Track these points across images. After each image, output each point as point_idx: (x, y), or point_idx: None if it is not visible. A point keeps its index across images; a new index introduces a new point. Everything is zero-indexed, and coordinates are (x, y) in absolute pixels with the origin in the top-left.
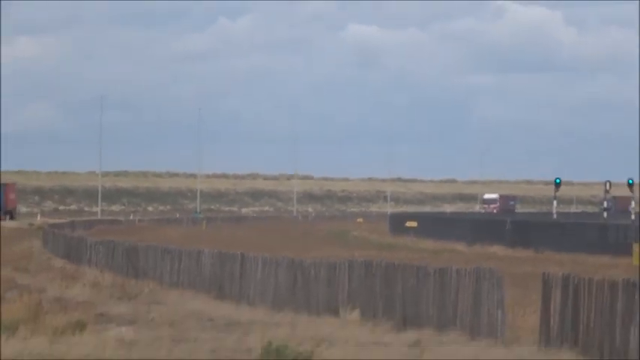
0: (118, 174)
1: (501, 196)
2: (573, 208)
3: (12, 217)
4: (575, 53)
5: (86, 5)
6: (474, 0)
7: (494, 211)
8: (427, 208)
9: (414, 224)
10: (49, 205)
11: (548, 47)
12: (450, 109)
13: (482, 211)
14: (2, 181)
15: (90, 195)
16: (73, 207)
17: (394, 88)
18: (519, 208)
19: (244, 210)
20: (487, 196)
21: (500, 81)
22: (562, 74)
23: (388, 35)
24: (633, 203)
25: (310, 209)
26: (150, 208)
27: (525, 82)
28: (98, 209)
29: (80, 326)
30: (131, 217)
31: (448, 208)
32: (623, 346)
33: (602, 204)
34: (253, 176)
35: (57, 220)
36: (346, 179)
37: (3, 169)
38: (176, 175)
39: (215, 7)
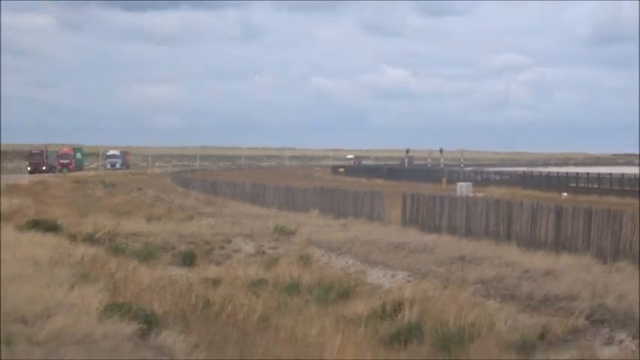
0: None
1: (355, 157)
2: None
3: (128, 168)
4: None
5: None
6: None
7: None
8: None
9: (342, 170)
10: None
11: None
12: None
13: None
14: (125, 150)
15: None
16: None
17: None
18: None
19: (264, 164)
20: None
21: None
22: None
23: None
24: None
25: (294, 164)
26: (220, 164)
27: None
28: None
29: (189, 218)
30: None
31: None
32: (438, 224)
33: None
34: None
35: (175, 170)
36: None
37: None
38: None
39: None
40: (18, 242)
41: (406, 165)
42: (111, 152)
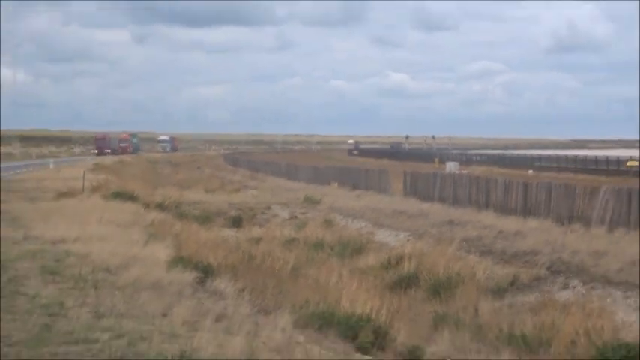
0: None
1: (355, 142)
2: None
3: (176, 151)
4: None
5: None
6: None
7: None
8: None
9: (356, 152)
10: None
11: None
12: None
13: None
14: (173, 136)
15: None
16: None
17: None
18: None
19: (295, 148)
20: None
21: None
22: None
23: None
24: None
25: (319, 148)
26: (261, 147)
27: None
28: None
29: (237, 190)
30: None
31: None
32: (432, 195)
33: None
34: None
35: (225, 152)
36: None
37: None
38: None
39: None
40: (103, 209)
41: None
42: (161, 138)
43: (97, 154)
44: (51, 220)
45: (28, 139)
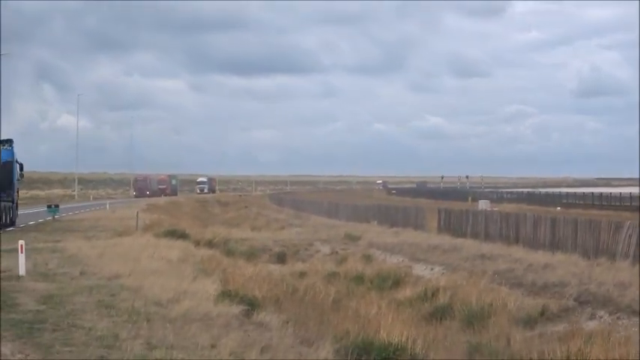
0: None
1: (383, 181)
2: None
3: (214, 192)
4: None
5: None
6: None
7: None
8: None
9: (394, 192)
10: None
11: None
12: None
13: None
14: (211, 177)
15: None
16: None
17: None
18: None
19: (337, 188)
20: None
21: None
22: None
23: None
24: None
25: (359, 187)
26: (305, 188)
27: None
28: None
29: (282, 228)
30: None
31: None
32: (464, 230)
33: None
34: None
35: (271, 192)
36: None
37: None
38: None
39: None
40: (156, 246)
41: (441, 187)
42: (200, 179)
43: (136, 196)
44: (106, 257)
45: (87, 182)
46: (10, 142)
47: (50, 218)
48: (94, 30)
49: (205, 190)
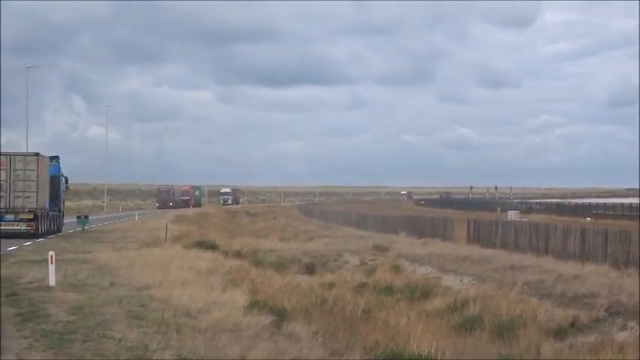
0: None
1: (408, 192)
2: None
3: (237, 203)
4: None
5: None
6: None
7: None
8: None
9: (422, 202)
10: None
11: None
12: None
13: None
14: (235, 188)
15: (310, 194)
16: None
17: None
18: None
19: (366, 198)
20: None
21: None
22: None
23: None
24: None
25: (388, 197)
26: (334, 198)
27: None
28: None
29: (311, 239)
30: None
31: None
32: (494, 241)
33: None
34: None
35: (300, 203)
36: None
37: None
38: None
39: None
40: (185, 257)
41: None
42: (223, 190)
43: (159, 208)
44: (136, 267)
45: (116, 193)
46: (56, 158)
47: (80, 229)
48: (123, 42)
49: (229, 202)
